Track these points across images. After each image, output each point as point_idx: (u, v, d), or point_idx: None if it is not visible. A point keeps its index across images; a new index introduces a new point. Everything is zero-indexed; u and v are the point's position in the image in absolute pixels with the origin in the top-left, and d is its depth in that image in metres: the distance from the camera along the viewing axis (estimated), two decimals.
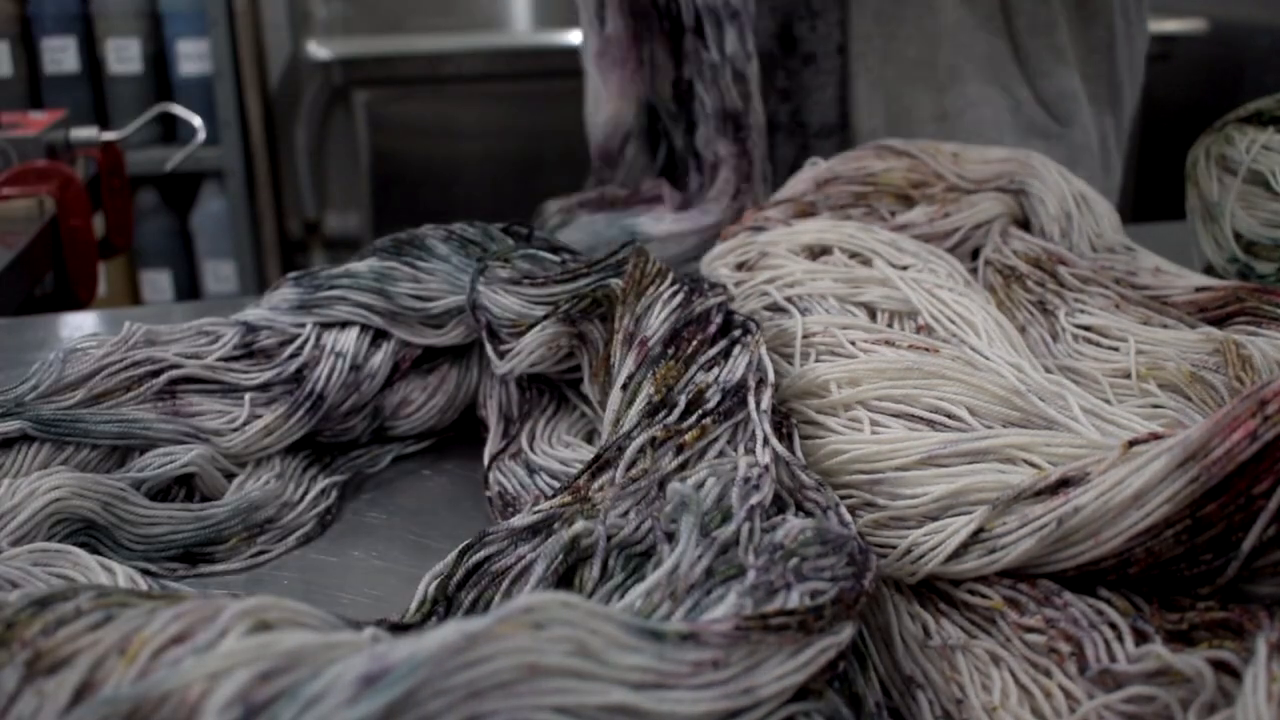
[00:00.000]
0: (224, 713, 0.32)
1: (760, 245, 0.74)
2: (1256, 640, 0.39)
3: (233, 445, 0.67)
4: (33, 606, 0.37)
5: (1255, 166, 0.79)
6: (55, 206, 1.19)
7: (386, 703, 0.32)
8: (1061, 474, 0.47)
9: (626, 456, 0.53)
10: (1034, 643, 0.46)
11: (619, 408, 0.57)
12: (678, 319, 0.59)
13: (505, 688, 0.35)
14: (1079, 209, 0.77)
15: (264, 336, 0.71)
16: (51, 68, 2.29)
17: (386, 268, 0.72)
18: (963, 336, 0.63)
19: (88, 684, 0.35)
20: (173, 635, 0.35)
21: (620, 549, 0.48)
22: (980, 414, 0.55)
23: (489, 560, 0.51)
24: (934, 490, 0.51)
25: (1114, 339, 0.65)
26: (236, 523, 0.63)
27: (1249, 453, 0.41)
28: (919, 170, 0.82)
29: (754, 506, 0.46)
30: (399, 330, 0.72)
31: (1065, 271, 0.70)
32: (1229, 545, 0.43)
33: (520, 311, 0.66)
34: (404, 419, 0.73)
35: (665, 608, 0.42)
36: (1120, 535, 0.44)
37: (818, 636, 0.41)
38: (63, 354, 0.67)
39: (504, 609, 0.36)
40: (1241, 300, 0.65)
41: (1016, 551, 0.47)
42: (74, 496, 0.58)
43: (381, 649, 0.34)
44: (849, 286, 0.67)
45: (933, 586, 0.51)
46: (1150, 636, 0.44)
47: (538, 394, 0.70)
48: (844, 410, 0.58)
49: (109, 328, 0.95)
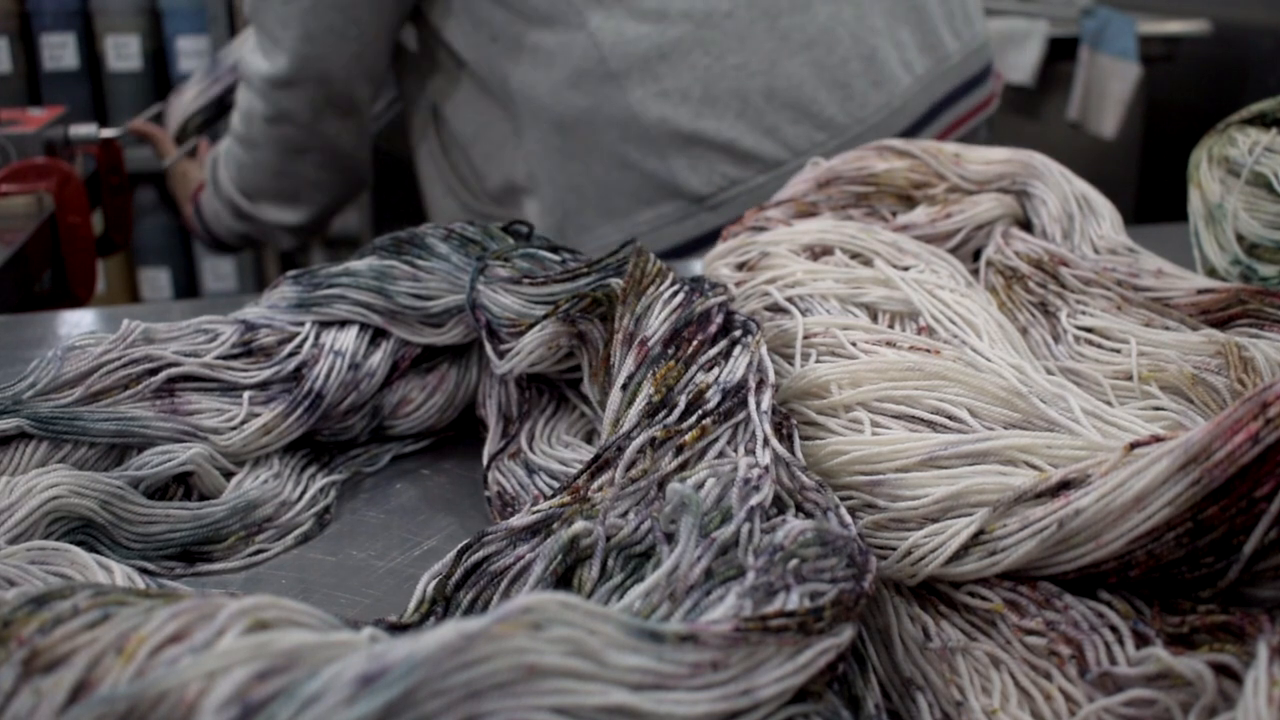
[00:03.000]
0: (221, 712, 0.32)
1: (761, 245, 0.74)
2: (1257, 644, 0.39)
3: (231, 444, 0.66)
4: (30, 605, 0.37)
5: (1258, 168, 0.79)
6: (54, 203, 1.19)
7: (384, 703, 0.32)
8: (1063, 476, 0.47)
9: (626, 457, 0.53)
10: (1034, 645, 0.46)
11: (619, 408, 0.57)
12: (678, 319, 0.59)
13: (504, 688, 0.34)
14: (1081, 210, 0.77)
15: (263, 335, 0.71)
16: (51, 64, 2.29)
17: (386, 266, 0.72)
18: (964, 338, 0.63)
19: (85, 682, 0.34)
20: (170, 634, 0.35)
21: (619, 549, 0.48)
22: (981, 415, 0.55)
23: (488, 560, 0.51)
24: (935, 492, 0.51)
25: (1116, 341, 0.65)
26: (234, 522, 0.63)
27: (1251, 456, 0.41)
28: (920, 170, 0.81)
29: (754, 507, 0.46)
30: (398, 329, 0.72)
31: (1067, 273, 0.70)
32: (1230, 548, 0.43)
33: (520, 311, 0.66)
34: (403, 418, 0.73)
35: (664, 609, 0.42)
36: (1121, 538, 0.44)
37: (817, 638, 0.40)
38: (61, 351, 0.67)
39: (502, 609, 0.36)
40: (1244, 302, 0.65)
41: (1017, 554, 0.47)
42: (72, 495, 0.58)
43: (380, 649, 0.34)
44: (850, 287, 0.67)
45: (933, 588, 0.50)
46: (1151, 639, 0.44)
47: (537, 394, 0.70)
48: (844, 411, 0.58)
49: (107, 325, 0.95)
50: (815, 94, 1.18)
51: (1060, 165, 0.81)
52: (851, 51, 1.19)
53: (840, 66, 1.18)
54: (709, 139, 1.17)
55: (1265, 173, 0.78)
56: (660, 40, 1.15)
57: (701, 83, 1.16)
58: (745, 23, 1.16)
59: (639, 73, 1.15)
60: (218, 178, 1.41)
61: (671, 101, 1.16)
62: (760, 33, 1.16)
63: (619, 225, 1.22)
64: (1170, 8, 2.65)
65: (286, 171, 1.35)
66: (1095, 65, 2.52)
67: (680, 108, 1.16)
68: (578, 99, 1.17)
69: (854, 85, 1.19)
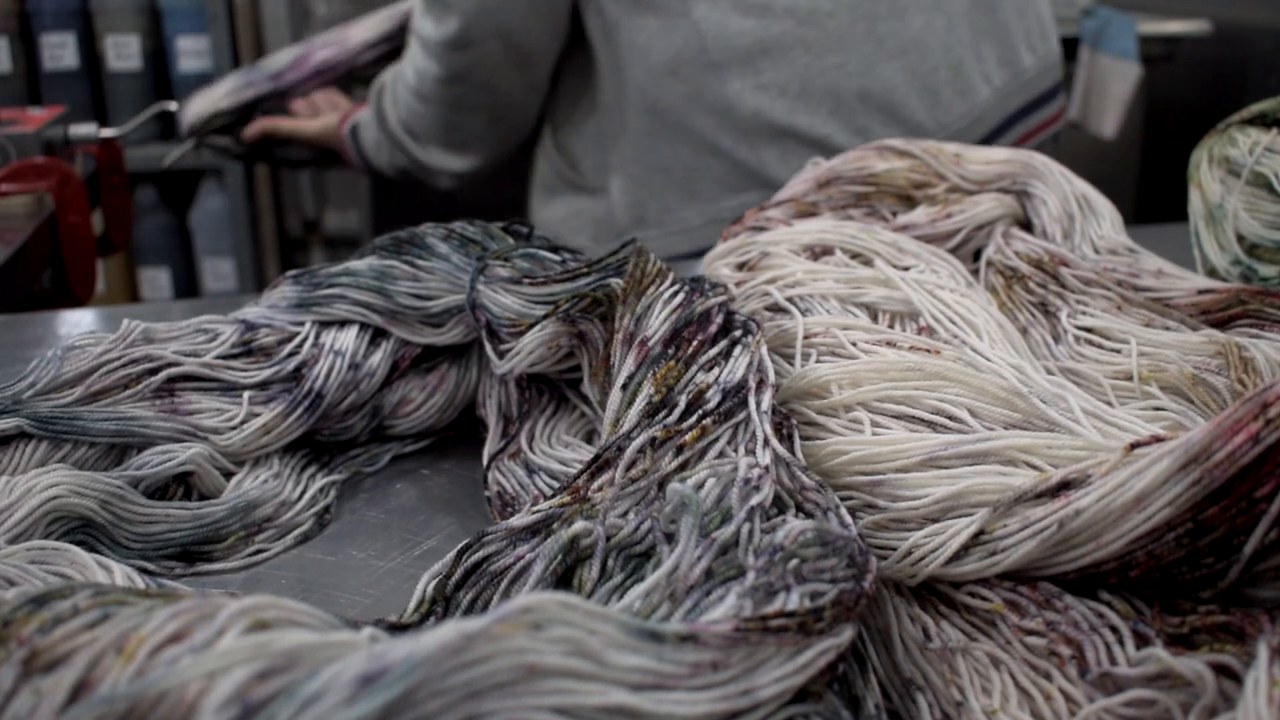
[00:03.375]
0: (221, 712, 0.32)
1: (761, 245, 0.74)
2: (1258, 644, 0.39)
3: (231, 443, 0.66)
4: (30, 605, 0.37)
5: (1258, 168, 0.79)
6: (54, 203, 1.19)
7: (384, 703, 0.32)
8: (1063, 476, 0.47)
9: (626, 457, 0.53)
10: (1034, 645, 0.46)
11: (619, 408, 0.57)
12: (678, 319, 0.59)
13: (503, 688, 0.34)
14: (1081, 210, 0.77)
15: (263, 334, 0.71)
16: (51, 64, 2.29)
17: (386, 266, 0.72)
18: (964, 338, 0.63)
19: (85, 682, 0.34)
20: (170, 634, 0.35)
21: (619, 549, 0.48)
22: (981, 416, 0.55)
23: (488, 560, 0.51)
24: (935, 492, 0.51)
25: (1116, 341, 0.65)
26: (234, 521, 0.63)
27: (1251, 456, 0.41)
28: (921, 170, 0.81)
29: (754, 507, 0.46)
30: (398, 329, 0.72)
31: (1067, 273, 0.70)
32: (1231, 549, 0.43)
33: (520, 311, 0.66)
34: (403, 418, 0.73)
35: (664, 609, 0.42)
36: (1122, 538, 0.44)
37: (817, 638, 0.40)
38: (60, 351, 0.67)
39: (502, 609, 0.36)
40: (1244, 303, 0.65)
41: (1017, 554, 0.47)
42: (71, 494, 0.58)
43: (379, 649, 0.34)
44: (850, 287, 0.67)
45: (933, 589, 0.50)
46: (1151, 640, 0.44)
47: (537, 394, 0.70)
48: (845, 411, 0.58)
49: (107, 325, 0.95)
50: (906, 99, 1.22)
51: (1060, 165, 0.81)
52: (941, 60, 1.23)
53: (931, 74, 1.22)
54: (802, 133, 1.21)
55: (1265, 173, 0.78)
56: (763, 35, 1.18)
57: (800, 79, 1.20)
58: (846, 24, 1.20)
59: (739, 65, 1.19)
60: (384, 114, 1.42)
61: (769, 95, 1.20)
62: (859, 35, 1.20)
63: (701, 210, 1.26)
64: (1170, 8, 2.64)
65: (458, 125, 1.36)
66: (1095, 65, 2.52)
67: (777, 101, 1.20)
68: (675, 85, 1.21)
69: (941, 93, 1.23)
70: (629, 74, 1.23)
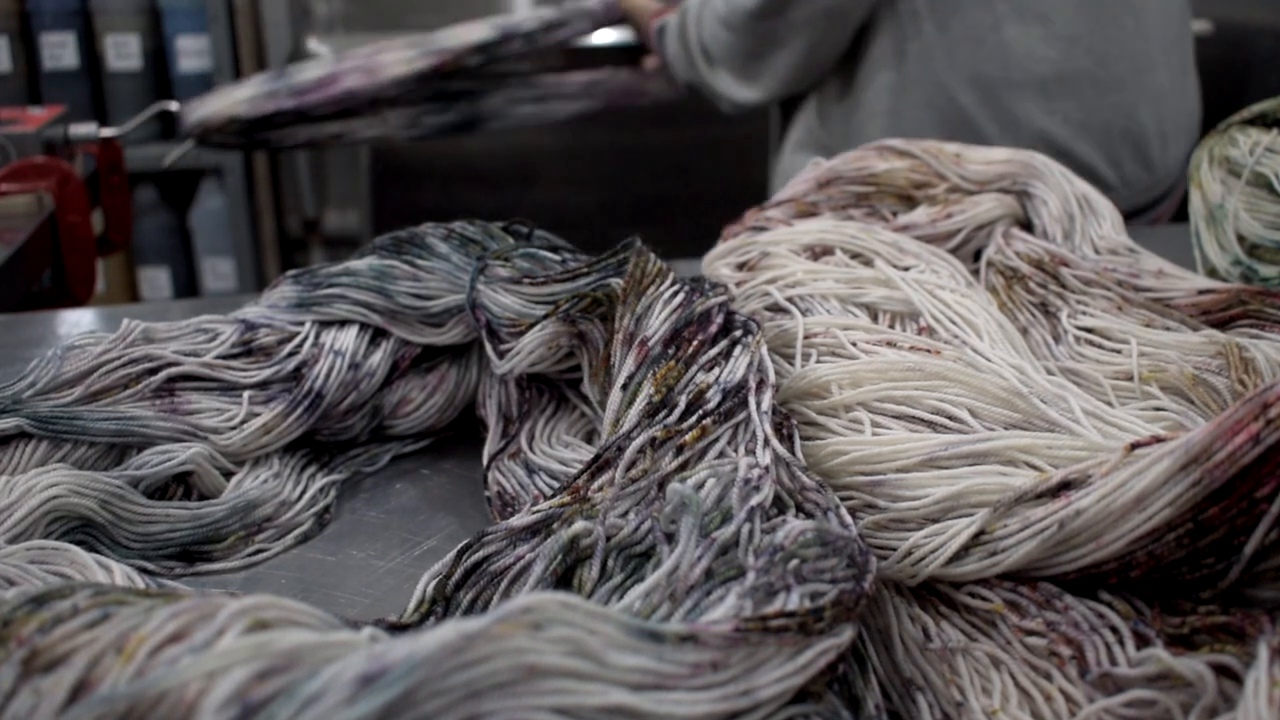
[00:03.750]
0: (221, 711, 0.32)
1: (762, 245, 0.74)
2: (1258, 644, 0.39)
3: (231, 443, 0.66)
4: (30, 604, 0.37)
5: (1259, 169, 0.79)
6: (54, 203, 1.19)
7: (384, 702, 0.32)
8: (1063, 476, 0.47)
9: (626, 457, 0.53)
10: (1034, 646, 0.46)
11: (619, 408, 0.57)
12: (678, 319, 0.59)
13: (503, 688, 0.34)
14: (1081, 210, 0.77)
15: (263, 334, 0.71)
16: (50, 63, 2.29)
17: (386, 266, 0.72)
18: (964, 338, 0.63)
19: (84, 682, 0.34)
20: (170, 634, 0.35)
21: (619, 549, 0.48)
22: (982, 416, 0.55)
23: (488, 560, 0.51)
24: (935, 492, 0.51)
25: (1116, 341, 0.64)
26: (234, 521, 0.63)
27: (1251, 456, 0.41)
28: (921, 171, 0.81)
29: (754, 508, 0.46)
30: (398, 329, 0.72)
31: (1067, 273, 0.70)
32: (1231, 549, 0.43)
33: (520, 311, 0.66)
34: (403, 418, 0.73)
35: (664, 609, 0.42)
36: (1122, 538, 0.44)
37: (817, 638, 0.40)
38: (60, 351, 0.67)
39: (502, 609, 0.36)
40: (1244, 303, 0.65)
41: (1018, 554, 0.47)
42: (71, 494, 0.58)
43: (379, 649, 0.34)
44: (850, 287, 0.67)
45: (933, 589, 0.50)
46: (1151, 640, 0.44)
47: (537, 394, 0.70)
48: (845, 411, 0.58)
49: (107, 325, 0.94)
50: (1151, 139, 1.36)
51: (1061, 165, 0.81)
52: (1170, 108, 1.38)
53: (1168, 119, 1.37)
54: (1076, 159, 1.31)
55: (1266, 173, 0.78)
56: (1063, 67, 1.30)
57: (1083, 110, 1.31)
58: (1127, 70, 1.33)
59: (1036, 88, 1.30)
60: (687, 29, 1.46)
61: (1055, 119, 1.31)
62: (1132, 82, 1.34)
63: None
64: None
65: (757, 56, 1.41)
66: None
67: (1062, 128, 1.31)
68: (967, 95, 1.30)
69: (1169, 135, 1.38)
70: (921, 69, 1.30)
